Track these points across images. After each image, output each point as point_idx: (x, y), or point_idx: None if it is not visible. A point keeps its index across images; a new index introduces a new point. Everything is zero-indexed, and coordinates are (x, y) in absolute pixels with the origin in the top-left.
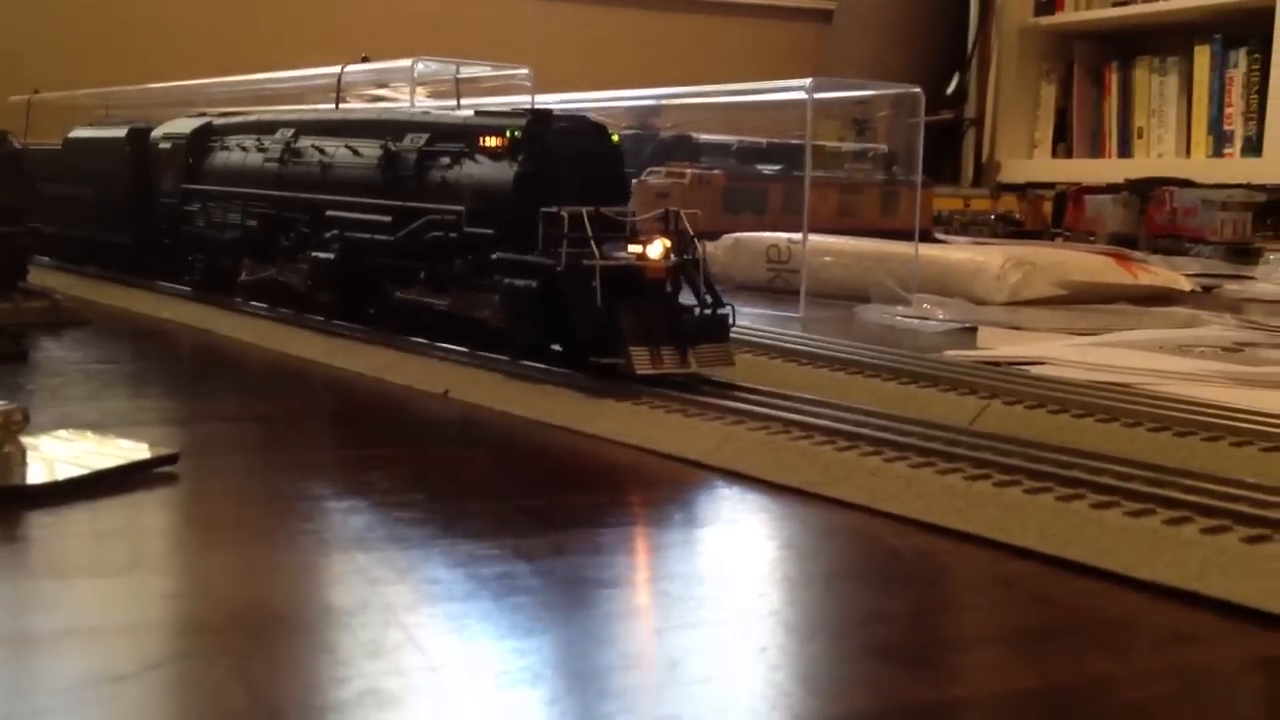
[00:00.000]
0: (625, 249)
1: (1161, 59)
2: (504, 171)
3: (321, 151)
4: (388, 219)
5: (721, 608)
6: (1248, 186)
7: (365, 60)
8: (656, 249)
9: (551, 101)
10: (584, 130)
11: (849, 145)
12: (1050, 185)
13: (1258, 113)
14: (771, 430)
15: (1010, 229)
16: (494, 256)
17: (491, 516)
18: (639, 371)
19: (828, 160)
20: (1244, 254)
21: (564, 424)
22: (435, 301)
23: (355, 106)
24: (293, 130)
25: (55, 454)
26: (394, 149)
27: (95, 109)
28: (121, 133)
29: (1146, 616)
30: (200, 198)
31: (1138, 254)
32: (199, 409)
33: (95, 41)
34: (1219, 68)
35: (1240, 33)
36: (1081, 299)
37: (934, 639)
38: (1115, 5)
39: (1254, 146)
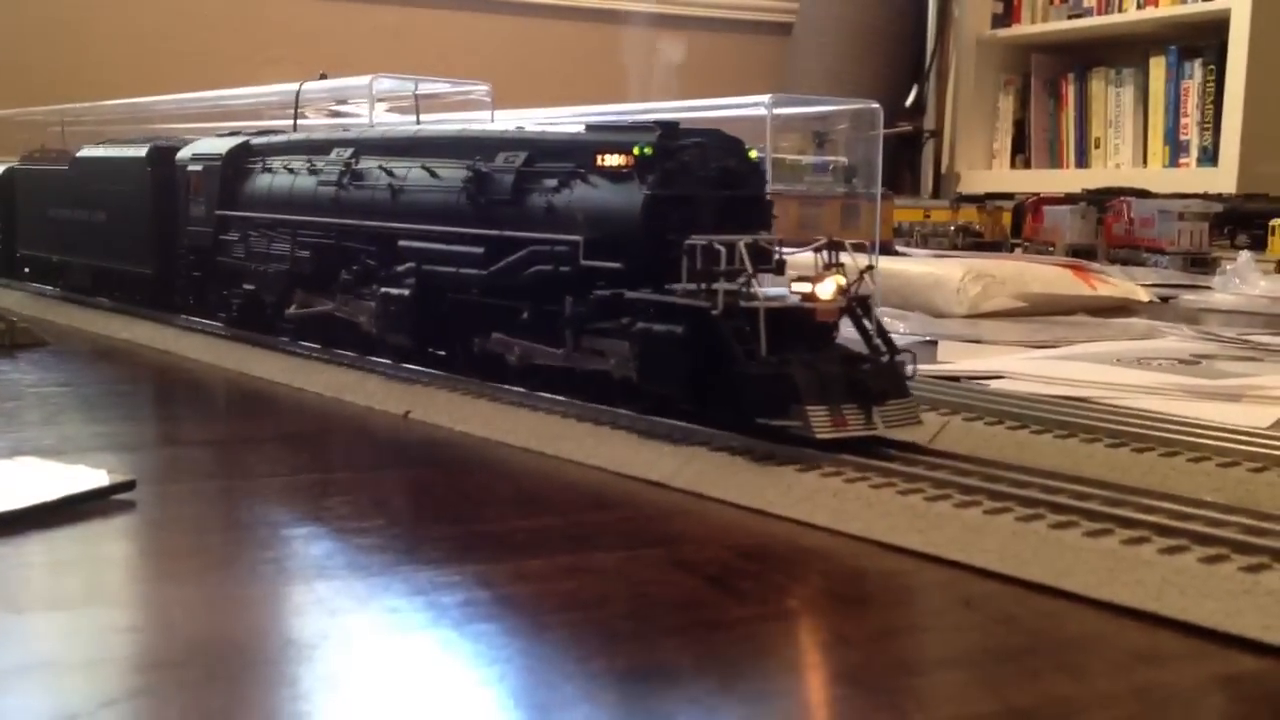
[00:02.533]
0: (788, 286)
1: (1117, 70)
2: (630, 195)
3: (390, 174)
4: (478, 251)
5: (682, 632)
6: (1204, 196)
7: (324, 76)
8: (829, 287)
9: (513, 118)
10: (720, 145)
11: (809, 159)
12: (1009, 196)
13: (1213, 123)
14: (734, 451)
15: (970, 240)
16: (627, 296)
17: (453, 542)
18: (820, 436)
19: (787, 174)
20: (1201, 264)
21: (525, 444)
22: (544, 348)
23: (431, 122)
24: (351, 150)
25: (9, 482)
26: (485, 170)
27: (50, 126)
28: (141, 152)
29: (1106, 637)
30: (238, 225)
31: (1096, 265)
32: (156, 433)
33: (49, 58)
34: (1174, 79)
35: (1195, 44)
36: (1041, 310)
37: (895, 662)
38: (1071, 17)
39: (1210, 156)
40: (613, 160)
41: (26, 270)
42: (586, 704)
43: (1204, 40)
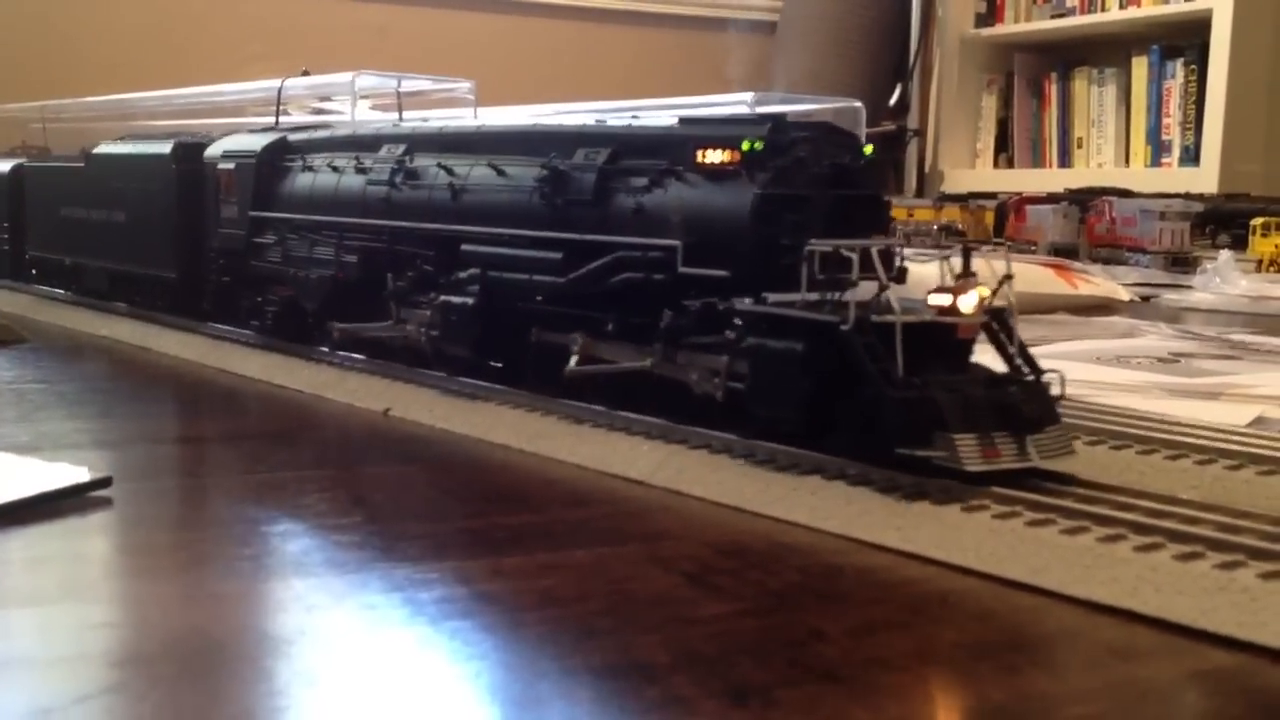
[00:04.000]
0: (924, 299)
1: (1100, 70)
2: (737, 194)
3: (450, 172)
4: (555, 256)
5: (660, 629)
6: (1185, 196)
7: (306, 73)
8: (971, 299)
9: (496, 115)
10: (833, 140)
11: None
12: (992, 195)
13: (1195, 123)
14: (714, 449)
15: (953, 239)
16: (736, 307)
17: (431, 539)
18: (970, 468)
19: None
20: (1182, 263)
21: (504, 442)
22: (628, 361)
23: (494, 115)
24: (404, 146)
25: None
26: (562, 168)
27: (30, 122)
28: (165, 149)
29: (1083, 633)
30: (275, 227)
31: (1078, 264)
32: (134, 430)
33: (29, 54)
34: (1156, 79)
35: (1177, 44)
36: (1022, 309)
37: (872, 658)
38: (1054, 17)
39: (1191, 156)
40: (715, 156)
41: (34, 272)
42: (563, 700)
43: (1186, 40)
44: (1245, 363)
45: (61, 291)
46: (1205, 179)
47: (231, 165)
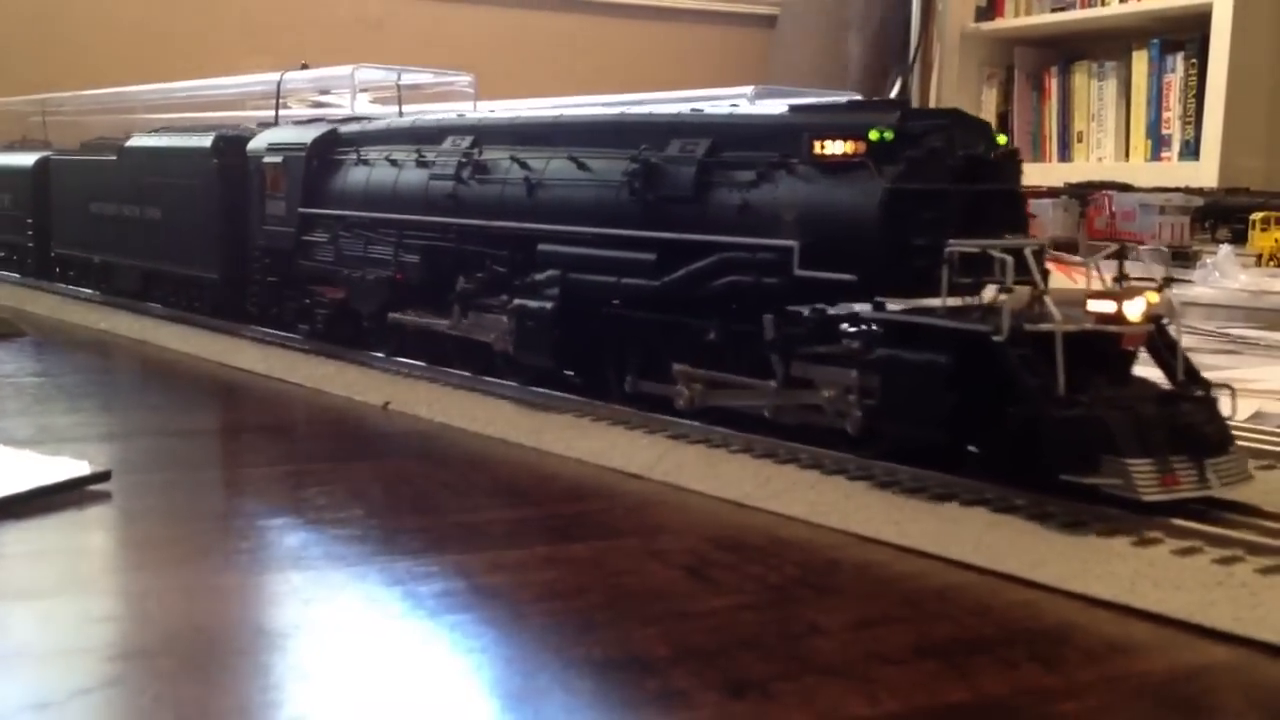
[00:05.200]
0: (1082, 305)
1: (1100, 64)
2: (862, 189)
3: (525, 166)
4: (647, 257)
5: (658, 622)
6: (1185, 190)
7: (305, 67)
8: (1138, 306)
9: (496, 108)
10: (965, 128)
11: None
12: None
13: (1195, 117)
14: (712, 443)
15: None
16: (863, 314)
17: (430, 533)
18: (1146, 497)
19: None
20: (1182, 258)
21: (504, 436)
22: (741, 377)
23: (572, 104)
24: (471, 138)
25: None
26: (656, 161)
27: (30, 116)
28: (205, 142)
29: (1080, 627)
30: (327, 225)
31: (1077, 258)
32: (133, 424)
33: (28, 48)
34: (1157, 72)
35: (1177, 38)
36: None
37: (869, 652)
38: (1054, 11)
39: (1192, 150)
40: (836, 147)
41: (59, 270)
42: (562, 692)
43: (1186, 34)
44: (1245, 357)
45: (90, 291)
46: (1205, 173)
47: (279, 159)
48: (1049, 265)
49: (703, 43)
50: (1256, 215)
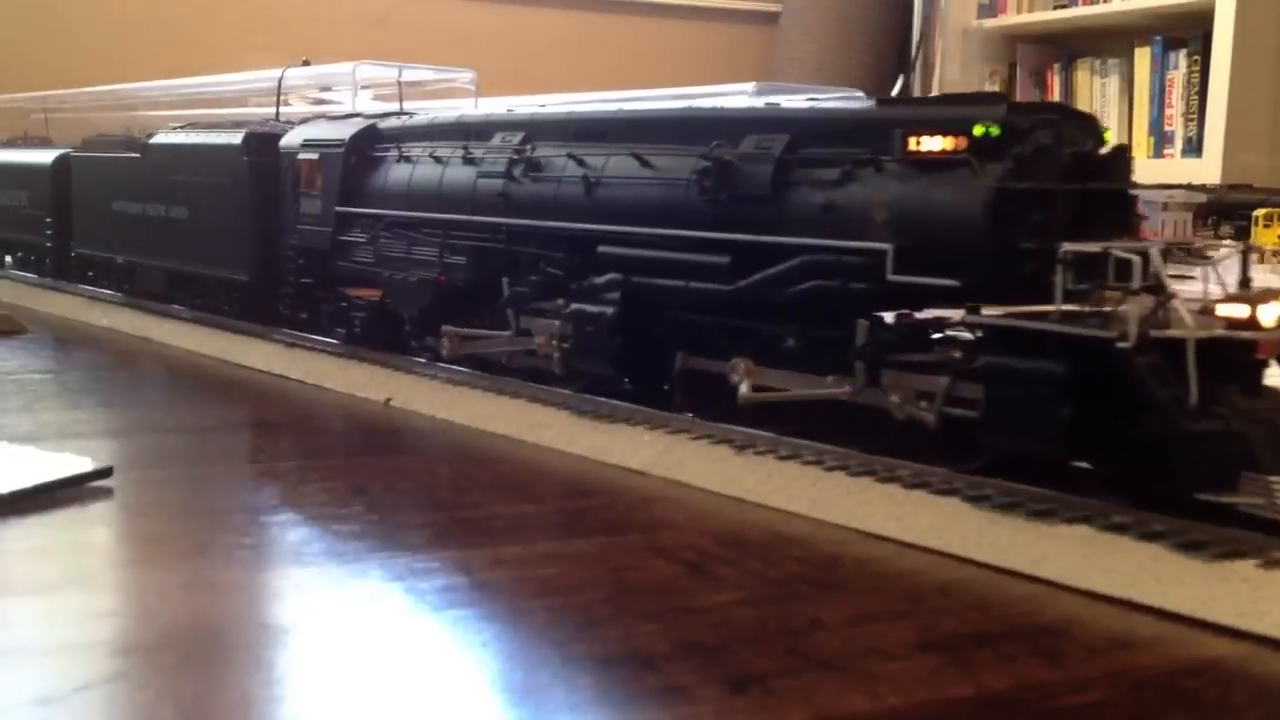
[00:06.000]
0: (1211, 310)
1: (1103, 61)
2: (965, 189)
3: (582, 163)
4: (721, 261)
5: (660, 618)
6: (1188, 187)
7: (306, 63)
8: (1274, 310)
9: (498, 105)
10: (1073, 124)
11: None
12: None
13: (1198, 114)
14: (714, 439)
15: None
16: (968, 320)
17: (431, 528)
18: None
19: None
20: (1184, 253)
21: (505, 432)
22: (821, 386)
23: (631, 99)
24: (522, 134)
25: None
26: (729, 159)
27: (32, 113)
28: (236, 139)
29: (1082, 622)
30: (365, 224)
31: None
32: (134, 420)
33: (30, 44)
34: (1159, 69)
35: (1180, 35)
36: None
37: (870, 647)
38: (1057, 8)
39: (1194, 147)
40: (934, 143)
41: (73, 267)
42: (563, 687)
43: (1189, 31)
44: None
45: (111, 292)
46: (1208, 170)
47: (314, 155)
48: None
49: (705, 40)
50: (1259, 211)
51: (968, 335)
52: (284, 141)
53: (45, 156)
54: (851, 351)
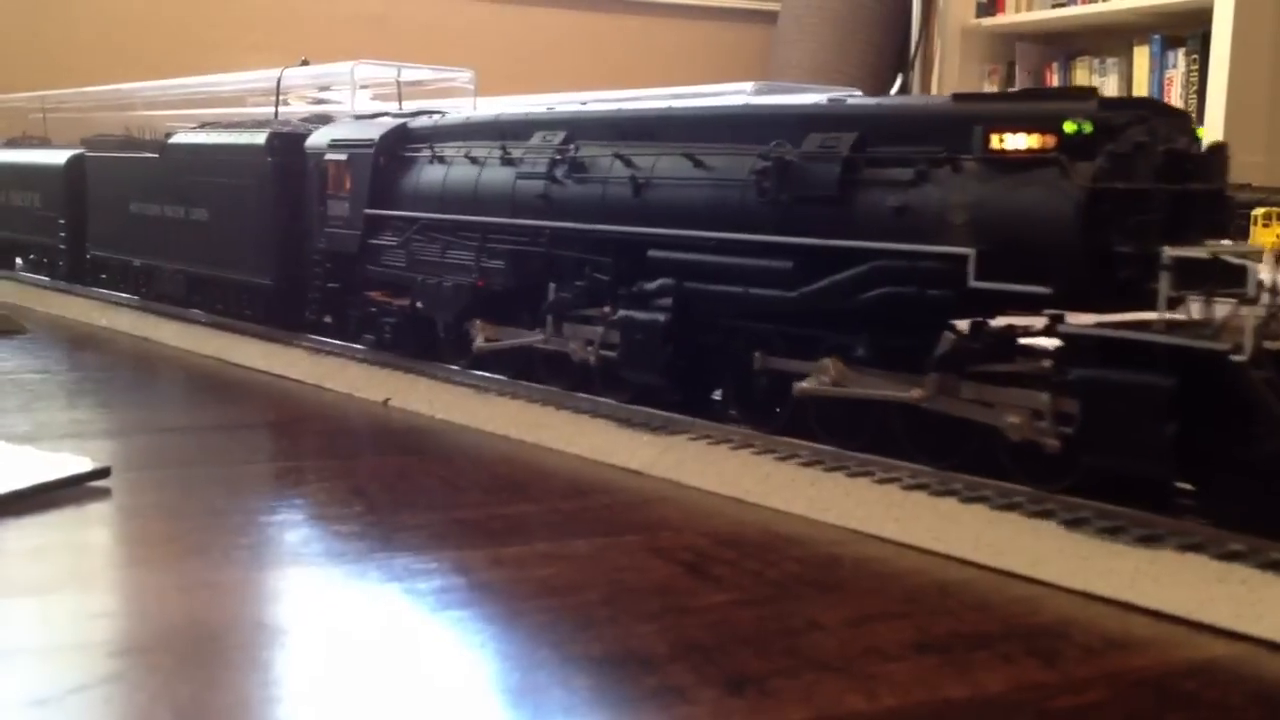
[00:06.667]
0: None
1: (1101, 60)
2: (1055, 190)
3: (629, 163)
4: (784, 265)
5: (658, 618)
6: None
7: (305, 63)
8: None
9: (496, 105)
10: (1167, 120)
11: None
12: None
13: (1197, 112)
14: (713, 439)
15: None
16: (1064, 329)
17: (430, 529)
18: None
19: None
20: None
21: (504, 432)
22: (892, 392)
23: (682, 96)
24: (563, 133)
25: None
26: (791, 158)
27: (31, 112)
28: (259, 139)
29: (1079, 623)
30: (397, 227)
31: None
32: (133, 420)
33: (27, 44)
34: (1158, 68)
35: (1179, 33)
36: None
37: (868, 647)
38: (1055, 6)
39: None
40: (1019, 141)
41: (89, 270)
42: (561, 689)
43: (1188, 30)
44: None
45: (128, 296)
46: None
47: (342, 156)
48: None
49: (704, 39)
50: (1258, 211)
51: (1047, 344)
52: (310, 142)
53: (58, 157)
54: (929, 361)
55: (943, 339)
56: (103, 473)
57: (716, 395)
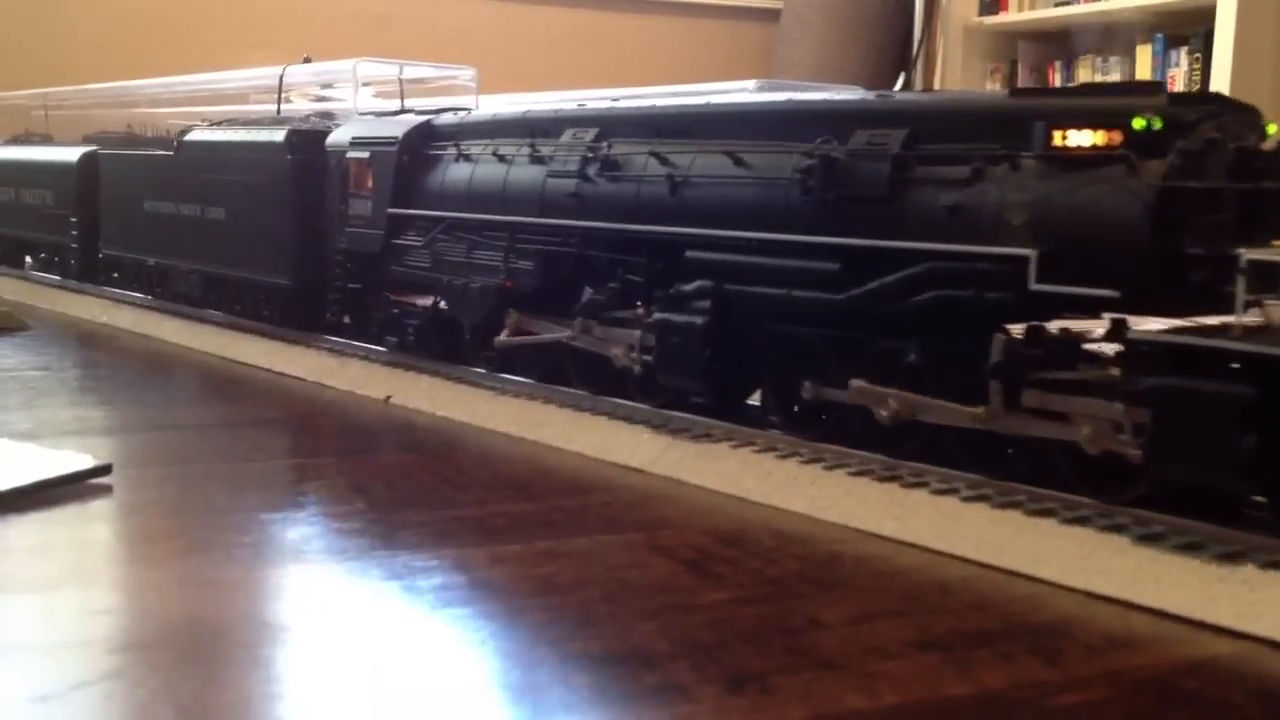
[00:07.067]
0: None
1: (1104, 58)
2: (1125, 188)
3: (665, 161)
4: (830, 266)
5: (658, 616)
6: None
7: (307, 60)
8: None
9: (498, 102)
10: (1236, 117)
11: None
12: None
13: None
14: (714, 438)
15: None
16: (1133, 335)
17: (430, 526)
18: None
19: None
20: None
21: (505, 430)
22: (947, 404)
23: (723, 92)
24: (594, 130)
25: None
26: (836, 155)
27: (33, 109)
28: (278, 136)
29: (1081, 621)
30: (421, 227)
31: None
32: (135, 417)
33: (30, 42)
34: (1161, 67)
35: (1181, 32)
36: None
37: (869, 645)
38: (1058, 5)
39: None
40: (1084, 138)
41: (101, 269)
42: (561, 687)
43: (1190, 28)
44: None
45: (141, 296)
46: None
47: (364, 154)
48: None
49: (705, 37)
50: None
51: (1107, 350)
52: (331, 139)
53: (71, 154)
54: (987, 369)
55: (996, 344)
56: (104, 470)
57: (751, 400)
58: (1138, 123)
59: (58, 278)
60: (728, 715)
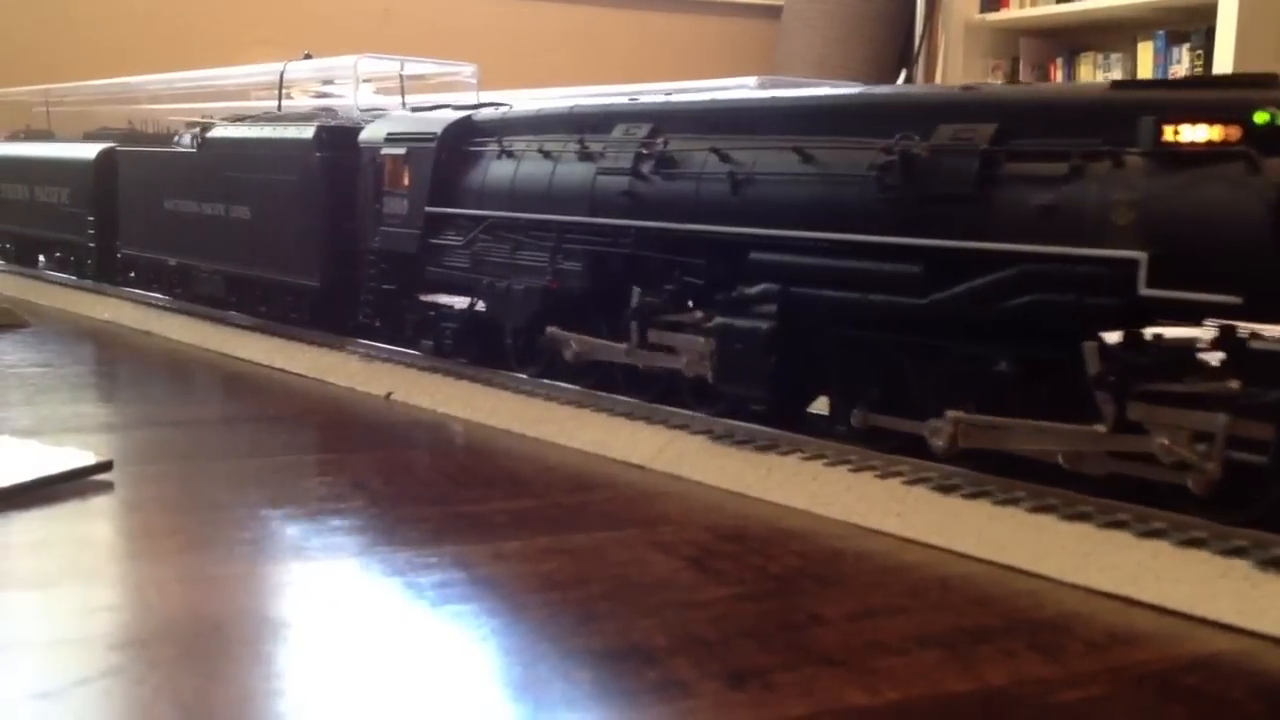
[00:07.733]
0: None
1: (1106, 55)
2: (1245, 187)
3: (726, 158)
4: (912, 269)
5: (659, 613)
6: None
7: (309, 57)
8: None
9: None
10: None
11: None
12: None
13: None
14: (715, 434)
15: None
16: (1255, 345)
17: (431, 523)
18: None
19: None
20: None
21: (506, 426)
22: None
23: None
24: (648, 126)
25: None
26: (917, 151)
27: (34, 106)
28: (306, 132)
29: (1082, 617)
30: (461, 226)
31: None
32: (135, 414)
33: (31, 37)
34: (1162, 64)
35: (1183, 29)
36: None
37: (871, 642)
38: (1059, 2)
39: None
40: (1198, 133)
41: (120, 269)
42: (562, 683)
43: (1192, 25)
44: None
45: (162, 297)
46: None
47: (400, 150)
48: None
49: (707, 34)
50: None
51: (1213, 360)
52: (364, 135)
53: (88, 151)
54: (1090, 380)
55: (1089, 351)
56: (105, 466)
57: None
58: (1260, 117)
59: (74, 277)
60: (729, 711)
